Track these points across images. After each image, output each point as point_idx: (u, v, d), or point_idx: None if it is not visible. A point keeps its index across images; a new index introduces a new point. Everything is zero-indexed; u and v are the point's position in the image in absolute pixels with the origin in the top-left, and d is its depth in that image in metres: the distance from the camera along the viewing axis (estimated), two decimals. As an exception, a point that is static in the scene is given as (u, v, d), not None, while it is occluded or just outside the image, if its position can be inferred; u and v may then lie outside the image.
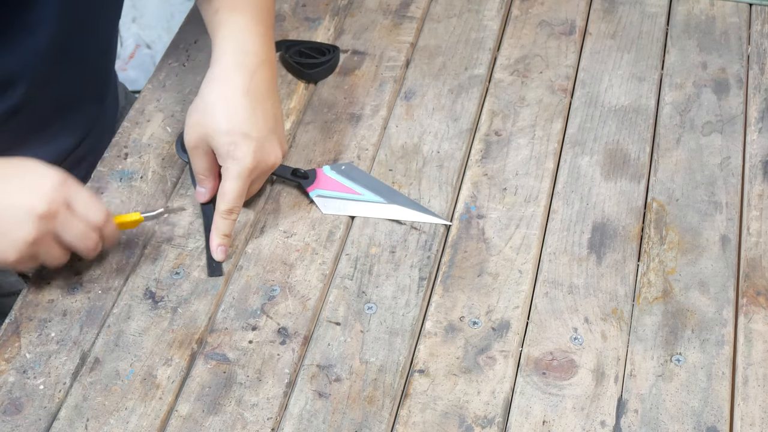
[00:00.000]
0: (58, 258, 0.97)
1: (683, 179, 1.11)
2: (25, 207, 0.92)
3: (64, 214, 0.94)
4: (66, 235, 0.95)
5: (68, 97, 1.15)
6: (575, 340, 0.97)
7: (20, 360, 0.96)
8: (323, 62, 1.22)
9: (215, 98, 1.02)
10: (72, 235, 0.95)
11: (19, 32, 1.03)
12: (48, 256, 0.96)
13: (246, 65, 1.04)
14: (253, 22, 1.06)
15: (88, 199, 0.96)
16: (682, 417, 0.92)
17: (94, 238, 0.97)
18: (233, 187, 1.01)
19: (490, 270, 1.03)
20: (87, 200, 0.96)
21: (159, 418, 0.92)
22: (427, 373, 0.95)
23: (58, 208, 0.93)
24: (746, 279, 1.02)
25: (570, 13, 1.31)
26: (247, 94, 1.03)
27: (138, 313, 0.99)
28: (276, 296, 1.01)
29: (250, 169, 1.01)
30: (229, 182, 1.01)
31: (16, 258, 0.94)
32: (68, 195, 0.94)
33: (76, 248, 0.97)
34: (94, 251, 0.98)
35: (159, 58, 1.30)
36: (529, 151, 1.14)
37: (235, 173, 1.01)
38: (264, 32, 1.07)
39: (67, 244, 0.96)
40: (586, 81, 1.23)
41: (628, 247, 1.05)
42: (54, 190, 0.93)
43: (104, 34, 1.18)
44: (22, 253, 0.93)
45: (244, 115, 1.02)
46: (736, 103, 1.20)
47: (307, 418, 0.92)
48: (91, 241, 0.97)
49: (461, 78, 1.23)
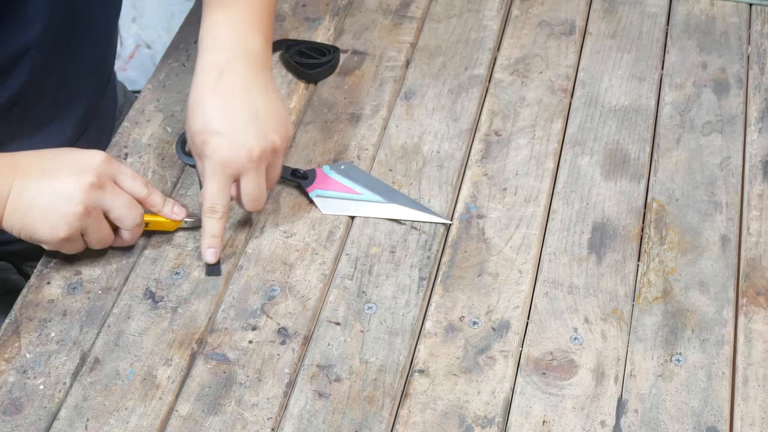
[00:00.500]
0: (105, 236, 1.00)
1: (683, 179, 1.11)
2: (74, 180, 0.97)
3: (111, 186, 0.99)
4: (114, 208, 0.99)
5: (67, 90, 1.14)
6: (575, 340, 0.97)
7: (20, 360, 0.96)
8: (323, 62, 1.22)
9: (191, 101, 1.03)
10: (119, 208, 0.99)
11: (15, 22, 1.03)
12: (96, 234, 0.99)
13: (215, 63, 1.04)
14: (236, 16, 1.06)
15: (132, 175, 1.01)
16: (682, 417, 0.92)
17: (140, 212, 1.01)
18: (209, 184, 1.01)
19: (490, 270, 1.03)
20: (131, 175, 1.00)
21: (159, 418, 0.92)
22: (427, 373, 0.95)
23: (105, 180, 0.98)
24: (746, 279, 1.02)
25: (570, 13, 1.31)
26: (216, 92, 1.03)
27: (138, 313, 0.99)
28: (276, 296, 1.01)
29: (222, 164, 1.01)
30: (206, 180, 1.02)
31: (67, 233, 0.97)
32: (114, 170, 0.99)
33: (122, 223, 1.00)
34: (138, 227, 1.01)
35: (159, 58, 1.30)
36: (529, 151, 1.14)
37: (209, 170, 1.01)
38: (244, 25, 1.06)
39: (114, 219, 1.00)
40: (586, 81, 1.23)
41: (628, 247, 1.05)
42: (100, 164, 0.98)
43: (103, 27, 1.17)
44: (72, 227, 0.97)
45: (214, 114, 1.02)
46: (736, 103, 1.20)
47: (307, 418, 0.92)
48: (137, 215, 1.00)
49: (461, 78, 1.23)
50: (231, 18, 1.06)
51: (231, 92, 1.03)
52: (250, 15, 1.07)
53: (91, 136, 1.19)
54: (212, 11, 1.06)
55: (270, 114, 1.04)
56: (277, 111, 1.05)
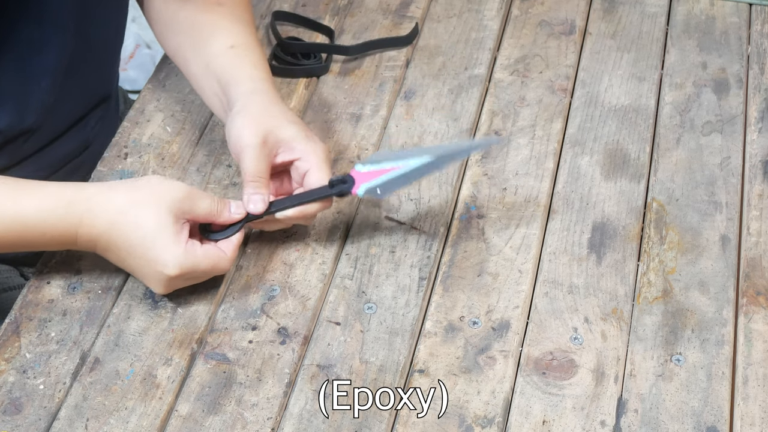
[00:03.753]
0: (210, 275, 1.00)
1: (683, 179, 1.11)
2: (155, 280, 0.96)
3: (190, 275, 0.97)
4: (200, 279, 0.99)
5: (75, 112, 1.16)
6: (575, 340, 0.97)
7: (20, 360, 0.96)
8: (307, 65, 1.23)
9: (274, 110, 1.04)
10: (205, 277, 0.99)
11: (28, 51, 1.03)
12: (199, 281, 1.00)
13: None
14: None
15: (209, 259, 0.97)
16: (682, 417, 0.92)
17: (225, 262, 0.98)
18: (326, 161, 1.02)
19: (490, 270, 1.03)
20: (209, 262, 0.97)
21: (159, 418, 0.92)
22: (427, 373, 0.95)
23: (183, 272, 0.95)
24: (746, 279, 1.02)
25: (570, 13, 1.31)
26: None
27: (138, 313, 0.99)
28: (276, 296, 1.01)
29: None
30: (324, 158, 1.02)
31: (162, 291, 0.98)
32: (192, 266, 0.95)
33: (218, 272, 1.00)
34: (233, 258, 1.00)
35: (159, 58, 1.30)
36: (529, 151, 1.14)
37: (325, 150, 1.02)
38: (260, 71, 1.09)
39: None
40: (586, 81, 1.23)
41: (628, 247, 1.05)
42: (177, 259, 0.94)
43: (112, 48, 1.19)
44: (166, 289, 0.98)
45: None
46: (736, 103, 1.20)
47: (307, 418, 0.92)
48: (225, 267, 0.99)
49: (461, 78, 1.23)
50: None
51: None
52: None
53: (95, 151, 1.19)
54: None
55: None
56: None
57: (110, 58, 1.20)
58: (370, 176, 1.02)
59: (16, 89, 1.05)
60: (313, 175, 1.00)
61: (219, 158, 1.13)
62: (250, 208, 0.99)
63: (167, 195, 0.95)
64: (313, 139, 1.02)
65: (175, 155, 1.13)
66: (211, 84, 1.08)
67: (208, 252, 0.96)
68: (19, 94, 1.06)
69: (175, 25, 1.12)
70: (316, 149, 1.01)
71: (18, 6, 1.01)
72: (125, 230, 0.94)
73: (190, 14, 1.10)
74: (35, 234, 0.94)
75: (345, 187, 1.00)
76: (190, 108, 1.19)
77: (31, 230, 0.94)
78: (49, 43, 1.05)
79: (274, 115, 1.02)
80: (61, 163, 1.17)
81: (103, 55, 1.17)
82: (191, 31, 1.10)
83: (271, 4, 1.32)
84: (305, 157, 1.01)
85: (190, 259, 0.95)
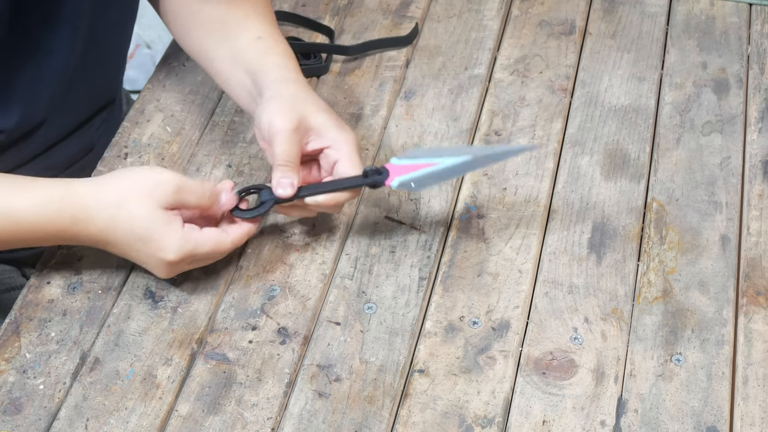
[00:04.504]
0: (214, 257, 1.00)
1: (683, 179, 1.11)
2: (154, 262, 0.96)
3: (191, 259, 0.97)
4: (201, 263, 0.99)
5: (82, 113, 1.17)
6: (575, 339, 0.97)
7: (20, 360, 0.96)
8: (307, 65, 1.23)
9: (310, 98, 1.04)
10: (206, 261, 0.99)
11: (39, 52, 1.04)
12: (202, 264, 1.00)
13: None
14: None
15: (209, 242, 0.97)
16: (682, 417, 0.92)
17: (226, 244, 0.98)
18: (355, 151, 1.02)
19: (490, 270, 1.03)
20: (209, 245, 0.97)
21: (159, 418, 0.92)
22: (427, 373, 0.95)
23: (183, 257, 0.95)
24: (746, 279, 1.02)
25: (570, 13, 1.31)
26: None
27: (138, 313, 0.99)
28: (276, 296, 1.01)
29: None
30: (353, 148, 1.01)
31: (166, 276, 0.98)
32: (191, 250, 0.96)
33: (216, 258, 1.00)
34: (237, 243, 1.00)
35: (159, 58, 1.30)
36: (529, 151, 1.14)
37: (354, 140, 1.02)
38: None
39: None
40: (586, 81, 1.23)
41: (628, 247, 1.05)
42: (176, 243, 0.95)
43: (120, 50, 1.19)
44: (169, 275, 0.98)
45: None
46: (736, 103, 1.20)
47: (307, 418, 0.92)
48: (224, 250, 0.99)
49: (461, 78, 1.23)
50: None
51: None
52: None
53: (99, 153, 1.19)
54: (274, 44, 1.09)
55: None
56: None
57: (117, 61, 1.21)
58: (405, 170, 1.01)
59: (25, 90, 1.05)
60: (344, 164, 0.99)
61: (219, 158, 1.13)
62: (279, 193, 0.99)
63: (156, 191, 0.95)
64: (345, 128, 1.01)
65: (175, 155, 1.13)
66: (239, 76, 1.07)
67: (208, 235, 0.96)
68: (28, 95, 1.06)
69: (196, 22, 1.12)
70: (347, 138, 1.00)
71: (33, 7, 1.01)
72: (123, 225, 0.94)
73: (214, 10, 1.10)
74: (27, 230, 0.95)
75: (379, 178, 1.00)
76: (190, 108, 1.19)
77: (22, 227, 0.94)
78: (61, 44, 1.05)
79: (305, 102, 1.01)
80: (65, 164, 1.18)
81: (110, 57, 1.18)
82: (216, 26, 1.10)
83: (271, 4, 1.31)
84: (336, 146, 1.00)
85: (190, 243, 0.95)
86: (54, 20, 1.03)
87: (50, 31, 1.03)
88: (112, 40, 1.15)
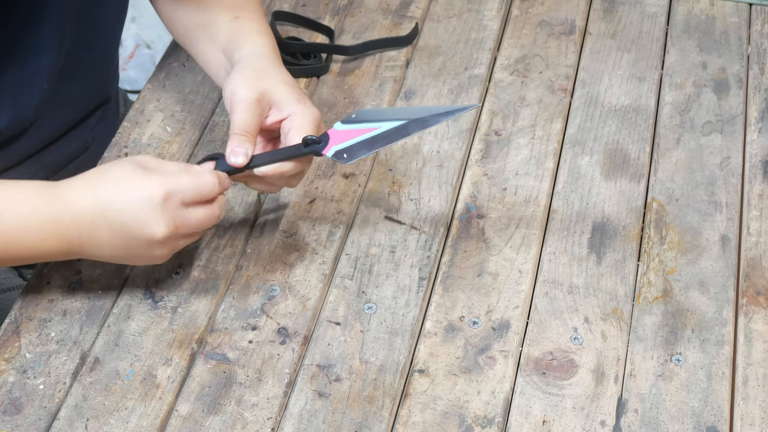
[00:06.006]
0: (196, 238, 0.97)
1: (683, 179, 1.11)
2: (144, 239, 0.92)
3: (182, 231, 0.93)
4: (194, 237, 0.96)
5: (75, 113, 1.16)
6: (575, 340, 0.97)
7: (20, 360, 0.96)
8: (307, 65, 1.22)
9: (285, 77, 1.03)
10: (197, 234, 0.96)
11: (24, 52, 1.03)
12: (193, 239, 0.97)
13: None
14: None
15: (191, 196, 0.94)
16: (682, 417, 0.92)
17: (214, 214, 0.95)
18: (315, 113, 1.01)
19: (490, 270, 1.03)
20: (190, 197, 0.94)
21: (159, 418, 0.92)
22: (427, 373, 0.95)
23: (173, 230, 0.92)
24: (746, 279, 1.02)
25: (570, 13, 1.31)
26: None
27: (138, 313, 0.99)
28: (276, 296, 1.01)
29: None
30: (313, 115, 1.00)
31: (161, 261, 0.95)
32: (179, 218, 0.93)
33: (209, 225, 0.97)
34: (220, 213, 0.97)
35: (159, 58, 1.30)
36: (529, 151, 1.14)
37: (315, 113, 1.01)
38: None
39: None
40: (586, 81, 1.23)
41: (628, 247, 1.05)
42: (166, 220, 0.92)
43: (109, 49, 1.19)
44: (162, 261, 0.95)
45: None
46: (736, 103, 1.20)
47: (307, 418, 0.92)
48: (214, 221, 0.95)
49: (461, 78, 1.23)
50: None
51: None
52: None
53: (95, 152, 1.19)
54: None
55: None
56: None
57: (109, 60, 1.20)
58: (344, 136, 0.99)
59: (13, 89, 1.05)
60: (293, 135, 0.98)
61: (219, 158, 1.13)
62: (231, 161, 0.97)
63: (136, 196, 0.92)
64: (305, 103, 1.00)
65: (175, 155, 1.13)
66: (216, 56, 1.07)
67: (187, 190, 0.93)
68: (16, 94, 1.06)
69: (181, 10, 1.12)
70: (304, 111, 0.99)
71: (17, 6, 1.01)
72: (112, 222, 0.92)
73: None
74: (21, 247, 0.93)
75: (318, 147, 0.98)
76: (190, 108, 1.19)
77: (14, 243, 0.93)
78: (47, 43, 1.05)
79: (271, 75, 1.01)
80: (61, 164, 1.18)
81: (101, 56, 1.17)
82: (197, 11, 1.10)
83: (271, 4, 1.32)
84: (291, 117, 0.99)
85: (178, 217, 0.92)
86: (38, 19, 1.03)
87: (35, 30, 1.03)
88: (102, 39, 1.15)
